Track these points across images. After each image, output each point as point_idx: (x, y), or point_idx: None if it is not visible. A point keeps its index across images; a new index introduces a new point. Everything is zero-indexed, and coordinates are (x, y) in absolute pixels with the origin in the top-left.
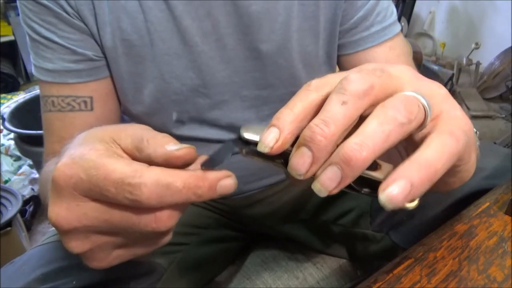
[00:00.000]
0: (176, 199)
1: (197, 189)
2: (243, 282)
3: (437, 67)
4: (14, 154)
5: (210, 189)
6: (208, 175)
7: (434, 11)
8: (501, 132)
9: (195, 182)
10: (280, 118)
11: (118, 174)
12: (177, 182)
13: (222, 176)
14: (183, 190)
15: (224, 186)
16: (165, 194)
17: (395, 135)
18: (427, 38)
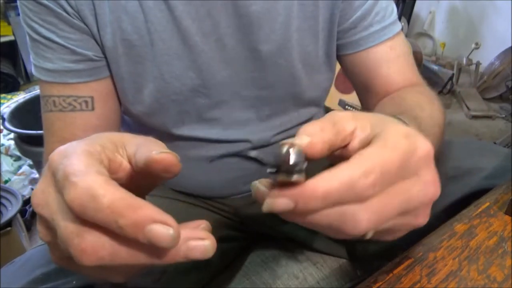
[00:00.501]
0: (97, 217)
1: (120, 217)
2: (243, 282)
3: (437, 67)
4: (14, 154)
5: (135, 226)
6: (141, 208)
7: (434, 11)
8: (501, 132)
9: (121, 208)
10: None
11: (70, 166)
12: (105, 198)
13: (158, 219)
14: (106, 210)
15: (157, 233)
16: (87, 205)
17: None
18: (427, 38)
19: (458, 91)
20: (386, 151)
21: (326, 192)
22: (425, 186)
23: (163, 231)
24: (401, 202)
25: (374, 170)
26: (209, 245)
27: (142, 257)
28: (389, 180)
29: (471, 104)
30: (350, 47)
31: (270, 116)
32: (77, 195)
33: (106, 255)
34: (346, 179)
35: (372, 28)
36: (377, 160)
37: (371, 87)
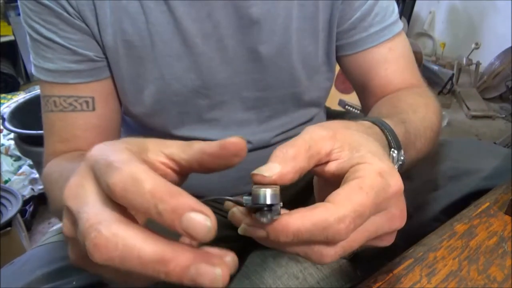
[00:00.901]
0: (137, 201)
1: (160, 201)
2: (243, 282)
3: (437, 67)
4: (14, 154)
5: (174, 211)
6: (181, 196)
7: (434, 11)
8: (501, 132)
9: (162, 194)
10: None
11: (112, 156)
12: (147, 182)
13: (197, 208)
14: (146, 194)
15: (193, 221)
16: (130, 188)
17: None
18: (427, 38)
19: (458, 91)
20: (361, 195)
21: (297, 230)
22: (392, 219)
23: (201, 221)
24: (368, 235)
25: (348, 216)
26: (219, 276)
27: (151, 268)
28: (361, 223)
29: (471, 104)
30: (349, 48)
31: (271, 117)
32: (121, 179)
33: (116, 256)
34: (320, 222)
35: (371, 29)
36: (352, 206)
37: (369, 88)
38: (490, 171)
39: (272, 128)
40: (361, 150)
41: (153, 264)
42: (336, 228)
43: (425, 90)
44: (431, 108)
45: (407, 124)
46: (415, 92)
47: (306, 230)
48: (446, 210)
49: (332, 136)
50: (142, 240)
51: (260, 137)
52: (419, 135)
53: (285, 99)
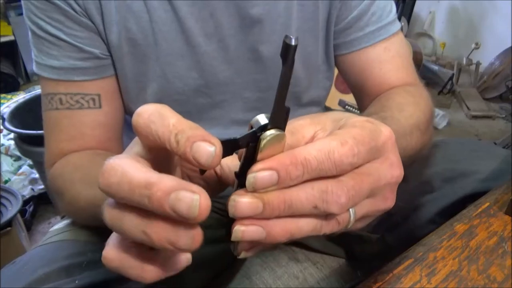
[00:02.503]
0: (159, 131)
1: (180, 132)
2: (243, 282)
3: (437, 67)
4: (14, 154)
5: (188, 140)
6: (198, 130)
7: (434, 11)
8: (501, 132)
9: (184, 126)
10: (289, 175)
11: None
12: (172, 118)
13: (207, 139)
14: (170, 126)
15: (200, 147)
16: (154, 119)
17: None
18: (427, 38)
19: (458, 91)
20: (355, 129)
21: (304, 159)
22: (391, 167)
23: (206, 147)
24: (371, 182)
25: (348, 141)
26: (196, 200)
27: (137, 193)
28: (363, 152)
29: (471, 104)
30: (344, 47)
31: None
32: (148, 110)
33: (114, 182)
34: (324, 147)
35: (367, 28)
36: (350, 134)
37: (365, 88)
38: (488, 173)
39: None
40: (343, 119)
41: (139, 188)
42: (340, 150)
43: (418, 89)
44: (421, 107)
45: (387, 121)
46: (406, 91)
47: (313, 158)
48: (443, 212)
49: (311, 122)
50: (137, 169)
51: None
52: (403, 132)
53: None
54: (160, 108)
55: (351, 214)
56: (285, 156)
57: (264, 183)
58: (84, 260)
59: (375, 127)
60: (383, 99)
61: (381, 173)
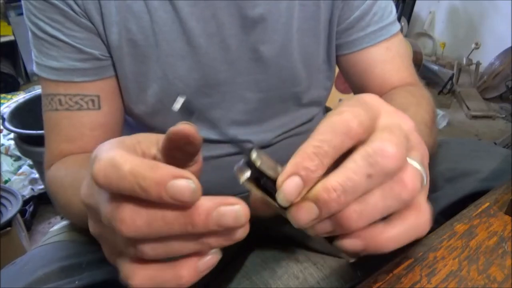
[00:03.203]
0: (121, 185)
1: (142, 179)
2: (243, 282)
3: (437, 67)
4: (14, 154)
5: (158, 184)
6: (160, 168)
7: (434, 11)
8: (501, 132)
9: (142, 171)
10: (308, 169)
11: (100, 149)
12: (125, 165)
13: (178, 175)
14: (128, 176)
15: (178, 187)
16: (110, 176)
17: (394, 210)
18: (427, 38)
19: (458, 91)
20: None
21: (315, 146)
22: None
23: (184, 184)
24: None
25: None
26: (240, 210)
27: (177, 224)
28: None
29: (471, 104)
30: (346, 47)
31: (272, 117)
32: (101, 167)
33: (143, 224)
34: (336, 122)
35: (369, 28)
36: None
37: (366, 88)
38: (489, 172)
39: (273, 128)
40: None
41: (178, 220)
42: (350, 122)
43: (419, 89)
44: (423, 106)
45: None
46: (408, 91)
47: (320, 141)
48: (444, 211)
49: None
50: (162, 204)
51: (261, 137)
52: None
53: (286, 99)
54: (112, 156)
55: (415, 164)
56: (296, 156)
57: (292, 190)
58: (84, 260)
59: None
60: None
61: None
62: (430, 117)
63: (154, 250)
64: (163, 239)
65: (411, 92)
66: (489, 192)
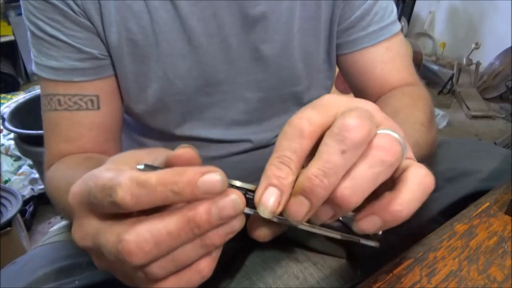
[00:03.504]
0: (153, 198)
1: (173, 185)
2: (243, 282)
3: (437, 67)
4: (14, 154)
5: (189, 184)
6: (186, 169)
7: (434, 11)
8: (501, 132)
9: (171, 178)
10: (279, 177)
11: (102, 179)
12: (151, 178)
13: (205, 170)
14: (158, 187)
15: (208, 181)
16: (139, 193)
17: (384, 177)
18: (427, 38)
19: (458, 91)
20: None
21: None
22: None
23: (213, 177)
24: None
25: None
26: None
27: (184, 235)
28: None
29: (471, 104)
30: (346, 47)
31: (272, 116)
32: (126, 190)
33: (151, 247)
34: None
35: (370, 28)
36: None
37: (366, 88)
38: (489, 172)
39: (273, 128)
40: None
41: (185, 232)
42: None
43: (417, 90)
44: (419, 107)
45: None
46: (404, 93)
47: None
48: (445, 211)
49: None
50: (161, 218)
51: (261, 136)
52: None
53: (286, 99)
54: (132, 175)
55: (387, 131)
56: (265, 171)
57: (271, 201)
58: (84, 260)
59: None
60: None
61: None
62: (427, 117)
63: (163, 268)
64: (169, 254)
65: (408, 93)
66: (489, 192)
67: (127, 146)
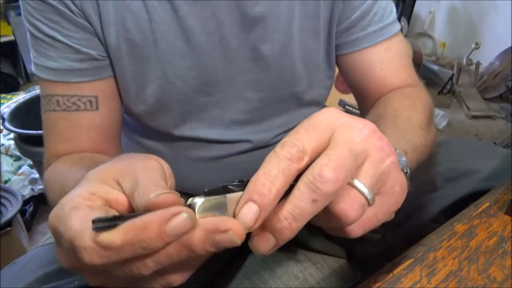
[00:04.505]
0: (123, 255)
1: (141, 242)
2: (243, 282)
3: (437, 67)
4: (14, 154)
5: (158, 236)
6: (150, 221)
7: (434, 11)
8: (501, 132)
9: (136, 237)
10: (263, 195)
11: (70, 232)
12: (116, 241)
13: (169, 215)
14: (125, 247)
15: (177, 225)
16: (107, 255)
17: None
18: (427, 38)
19: (458, 91)
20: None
21: (269, 171)
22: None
23: (180, 219)
24: (348, 147)
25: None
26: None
27: (181, 254)
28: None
29: (471, 104)
30: (346, 47)
31: (272, 116)
32: (93, 253)
33: (156, 265)
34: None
35: (369, 28)
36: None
37: (366, 88)
38: (489, 172)
39: (273, 128)
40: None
41: (179, 252)
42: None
43: (416, 91)
44: (418, 108)
45: (384, 128)
46: (403, 95)
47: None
48: (445, 211)
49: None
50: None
51: (260, 136)
52: (403, 136)
53: (286, 98)
54: (95, 240)
55: (360, 186)
56: (249, 184)
57: (249, 217)
58: None
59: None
60: (380, 107)
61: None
62: (426, 119)
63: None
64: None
65: (407, 95)
66: (489, 192)
67: (126, 146)
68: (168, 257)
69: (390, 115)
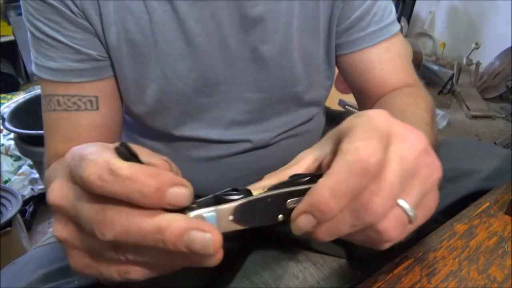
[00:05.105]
0: (118, 190)
1: (142, 185)
2: (243, 282)
3: (437, 67)
4: (14, 154)
5: (158, 190)
6: (161, 173)
7: (434, 11)
8: (501, 132)
9: (142, 177)
10: (323, 214)
11: (86, 150)
12: (124, 170)
13: (178, 182)
14: (126, 181)
15: (176, 194)
16: (107, 179)
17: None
18: (427, 38)
19: (458, 91)
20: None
21: (333, 189)
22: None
23: (183, 192)
24: (395, 169)
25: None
26: (210, 239)
27: (150, 239)
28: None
29: (471, 104)
30: (346, 47)
31: (271, 116)
32: (96, 170)
33: (121, 231)
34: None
35: (369, 28)
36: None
37: (366, 88)
38: (489, 172)
39: (272, 128)
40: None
41: (151, 235)
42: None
43: (418, 90)
44: (422, 106)
45: None
46: (405, 93)
47: (342, 182)
48: (445, 211)
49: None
50: (142, 214)
51: (260, 136)
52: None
53: (286, 99)
54: (109, 159)
55: (405, 205)
56: (312, 194)
57: (304, 226)
58: None
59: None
60: (383, 105)
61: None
62: (430, 116)
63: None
64: (140, 247)
65: (408, 93)
66: (489, 192)
67: None
68: (138, 232)
69: (397, 110)
